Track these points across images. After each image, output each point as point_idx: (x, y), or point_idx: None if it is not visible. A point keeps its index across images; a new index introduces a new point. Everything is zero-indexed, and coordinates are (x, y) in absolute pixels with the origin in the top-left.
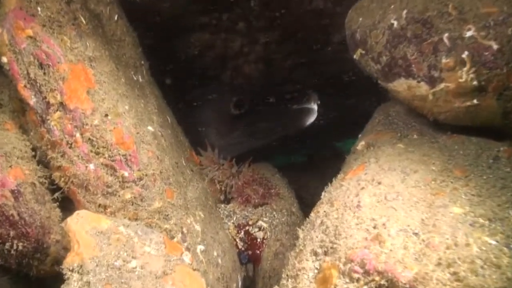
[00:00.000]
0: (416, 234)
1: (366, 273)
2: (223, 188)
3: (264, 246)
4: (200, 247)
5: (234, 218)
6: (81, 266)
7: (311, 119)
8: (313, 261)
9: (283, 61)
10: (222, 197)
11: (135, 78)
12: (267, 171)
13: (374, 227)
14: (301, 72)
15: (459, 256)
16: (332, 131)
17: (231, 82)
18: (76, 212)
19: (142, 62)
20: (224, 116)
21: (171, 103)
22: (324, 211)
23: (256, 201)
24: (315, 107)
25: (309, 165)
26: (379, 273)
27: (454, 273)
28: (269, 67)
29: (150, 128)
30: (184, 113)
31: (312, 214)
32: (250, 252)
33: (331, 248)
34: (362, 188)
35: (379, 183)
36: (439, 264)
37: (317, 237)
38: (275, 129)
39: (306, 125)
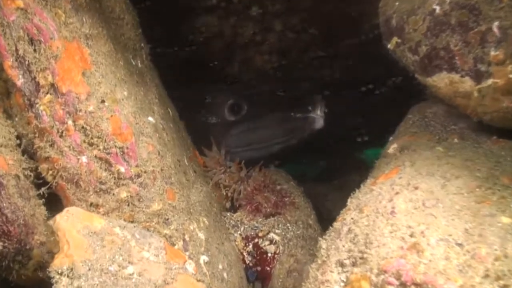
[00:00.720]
0: (459, 244)
1: (403, 285)
2: (229, 194)
3: (275, 262)
4: (204, 258)
5: (242, 229)
6: (71, 269)
7: (318, 128)
8: (338, 273)
9: (300, 53)
10: (228, 205)
11: (133, 63)
12: (281, 177)
13: (411, 236)
14: (321, 68)
15: (509, 268)
16: (353, 140)
17: (231, 81)
18: (66, 209)
19: (142, 45)
20: (217, 119)
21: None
22: (352, 218)
23: (268, 210)
24: (322, 115)
25: (326, 176)
26: (418, 285)
27: (505, 286)
28: (284, 60)
29: (150, 119)
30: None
31: (337, 222)
32: (259, 268)
33: (361, 258)
34: (397, 193)
35: (416, 188)
36: (486, 276)
37: (343, 246)
38: (276, 139)
39: (311, 135)
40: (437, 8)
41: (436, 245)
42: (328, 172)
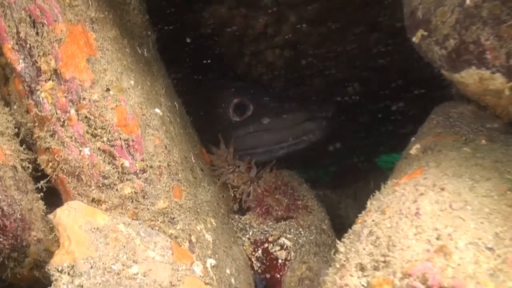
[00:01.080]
0: (489, 248)
1: None
2: (238, 196)
3: (286, 269)
4: (211, 261)
5: (250, 233)
6: (72, 266)
7: (329, 132)
8: (359, 277)
9: (315, 48)
10: (236, 206)
11: (139, 52)
12: (293, 179)
13: (438, 238)
14: (336, 64)
15: None
16: (369, 144)
17: (239, 77)
18: (67, 202)
19: (149, 32)
20: (219, 120)
21: None
22: (373, 220)
23: (279, 213)
24: (334, 118)
25: (338, 182)
26: None
27: None
28: (298, 55)
29: (157, 111)
30: None
31: (356, 225)
32: (268, 275)
33: (383, 261)
34: (421, 194)
35: (442, 189)
36: None
37: (364, 249)
38: (283, 142)
39: (322, 139)
40: None
41: (465, 249)
42: (339, 178)
